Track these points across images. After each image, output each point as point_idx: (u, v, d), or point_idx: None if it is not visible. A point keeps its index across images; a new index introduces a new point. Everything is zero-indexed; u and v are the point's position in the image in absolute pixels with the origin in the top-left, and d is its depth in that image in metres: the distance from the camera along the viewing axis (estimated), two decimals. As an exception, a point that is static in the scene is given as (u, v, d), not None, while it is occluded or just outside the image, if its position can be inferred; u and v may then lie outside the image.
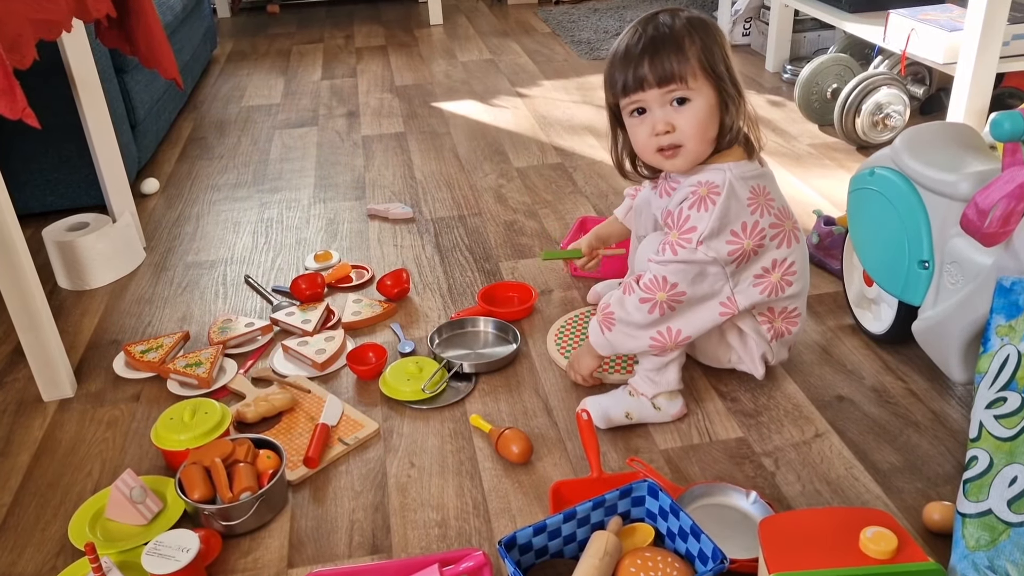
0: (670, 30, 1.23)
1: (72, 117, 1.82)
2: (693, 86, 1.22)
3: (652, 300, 1.24)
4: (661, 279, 1.24)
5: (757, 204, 1.25)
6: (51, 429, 1.41)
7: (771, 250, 1.27)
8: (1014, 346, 1.00)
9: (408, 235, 1.98)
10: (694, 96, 1.22)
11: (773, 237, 1.27)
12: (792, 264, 1.29)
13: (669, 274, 1.23)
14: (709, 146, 1.25)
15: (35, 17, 1.35)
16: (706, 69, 1.22)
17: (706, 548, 0.99)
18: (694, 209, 1.23)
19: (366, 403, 1.42)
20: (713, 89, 1.23)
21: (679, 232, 1.24)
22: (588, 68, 3.16)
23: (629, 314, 1.26)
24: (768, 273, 1.28)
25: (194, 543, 1.05)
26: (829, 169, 2.17)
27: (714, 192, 1.23)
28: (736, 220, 1.23)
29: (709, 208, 1.22)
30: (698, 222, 1.23)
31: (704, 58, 1.21)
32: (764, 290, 1.28)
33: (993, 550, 0.94)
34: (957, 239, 1.20)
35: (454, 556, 1.07)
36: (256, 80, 3.25)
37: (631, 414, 1.32)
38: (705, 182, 1.24)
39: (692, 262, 1.23)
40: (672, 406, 1.33)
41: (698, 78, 1.22)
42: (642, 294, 1.25)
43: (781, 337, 1.35)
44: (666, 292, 1.24)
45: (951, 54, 2.07)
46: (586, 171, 2.27)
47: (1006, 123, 1.03)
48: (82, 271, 1.81)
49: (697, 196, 1.24)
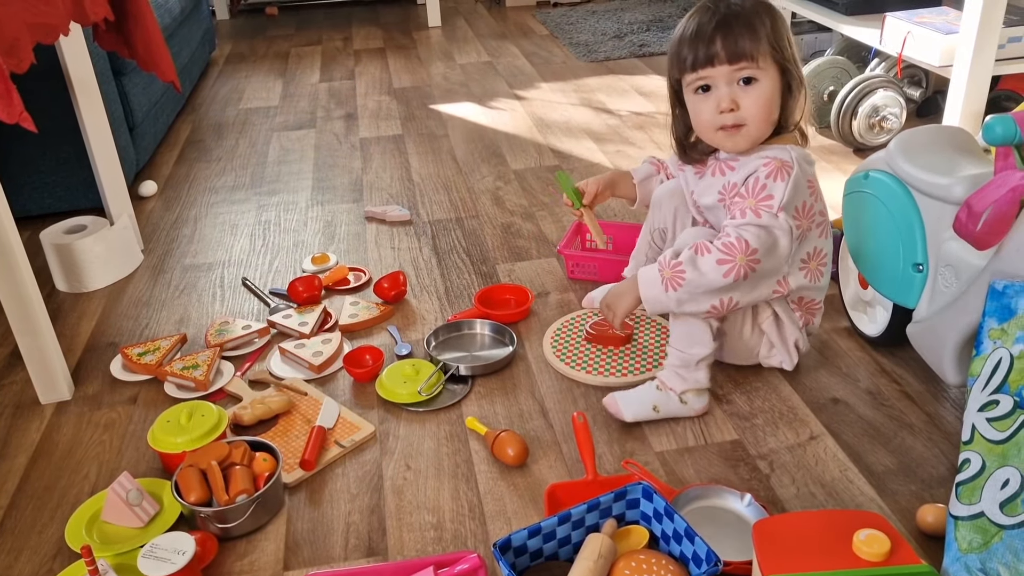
0: (742, 10, 1.25)
1: (70, 120, 1.83)
2: (763, 65, 1.24)
3: (731, 262, 1.21)
4: (743, 242, 1.21)
5: (813, 188, 1.30)
6: (48, 432, 1.41)
7: (813, 239, 1.32)
8: (1006, 349, 1.01)
9: (405, 237, 1.99)
10: (762, 76, 1.25)
11: (819, 224, 1.32)
12: (826, 256, 1.35)
13: (751, 238, 1.21)
14: (769, 128, 1.28)
15: (32, 21, 1.36)
16: (775, 52, 1.25)
17: (700, 550, 0.99)
18: (771, 179, 1.24)
19: (363, 405, 1.43)
20: (779, 72, 1.26)
21: (756, 199, 1.24)
22: (586, 70, 3.17)
23: (703, 275, 1.22)
24: (809, 260, 1.33)
25: (190, 546, 1.06)
26: (826, 171, 2.18)
27: (787, 166, 1.25)
28: (799, 198, 1.27)
29: (786, 178, 1.24)
30: (775, 191, 1.24)
31: (774, 40, 1.25)
32: (807, 275, 1.33)
33: (986, 552, 0.94)
34: (951, 242, 1.21)
35: (449, 559, 1.08)
36: (254, 82, 3.26)
37: (659, 407, 1.33)
38: (775, 157, 1.26)
39: (772, 227, 1.23)
40: (698, 401, 1.34)
41: (767, 59, 1.24)
42: (720, 255, 1.21)
43: (806, 326, 1.39)
44: (746, 256, 1.21)
45: (947, 57, 2.07)
46: (583, 173, 2.28)
47: (998, 127, 1.04)
48: (80, 274, 1.81)
49: (773, 167, 1.24)
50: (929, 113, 2.45)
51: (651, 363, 1.46)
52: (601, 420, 1.35)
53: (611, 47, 3.39)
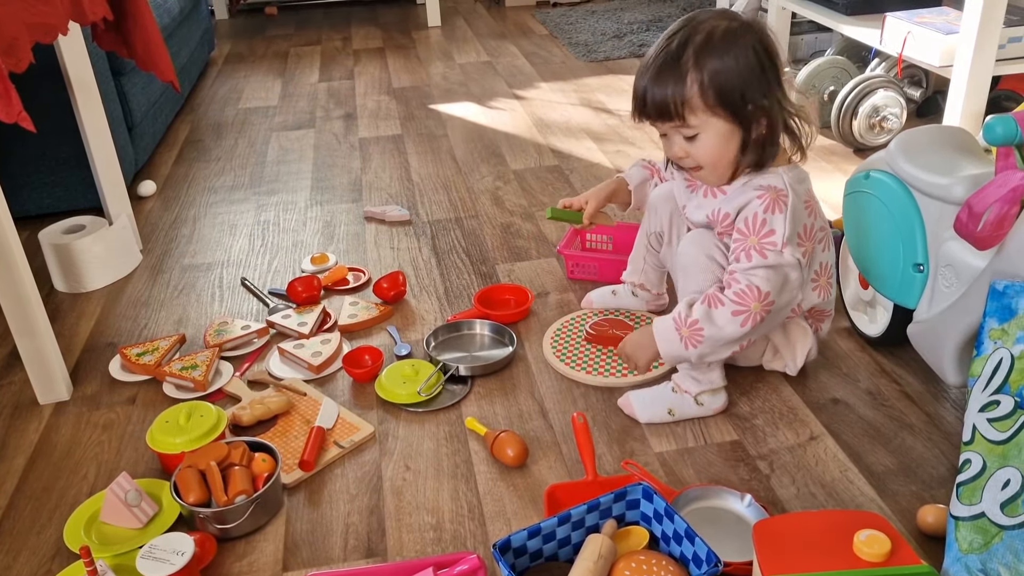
0: (681, 53, 1.17)
1: (69, 120, 1.83)
2: (694, 123, 1.19)
3: (746, 311, 1.20)
4: (754, 289, 1.19)
5: (811, 208, 1.26)
6: (47, 432, 1.41)
7: (818, 255, 1.30)
8: (1007, 349, 1.00)
9: (405, 237, 1.99)
10: (700, 130, 1.19)
11: (820, 240, 1.29)
12: (831, 267, 1.34)
13: (760, 283, 1.19)
14: (733, 165, 1.23)
15: (31, 20, 1.35)
16: (712, 100, 1.17)
17: (700, 551, 0.99)
18: (769, 212, 1.20)
19: (362, 406, 1.43)
20: (724, 118, 1.18)
21: (759, 238, 1.20)
22: (585, 70, 3.17)
23: (721, 329, 1.21)
24: (819, 276, 1.32)
25: (189, 546, 1.05)
26: (826, 172, 2.18)
27: (782, 197, 1.20)
28: (799, 223, 1.23)
29: (783, 209, 1.20)
30: (776, 225, 1.20)
31: (711, 88, 1.16)
32: (819, 293, 1.33)
33: (986, 553, 0.94)
34: (951, 242, 1.20)
35: (449, 559, 1.08)
36: (253, 82, 3.25)
37: (674, 411, 1.33)
38: (768, 186, 1.21)
39: (780, 266, 1.20)
40: (715, 401, 1.34)
41: (700, 113, 1.18)
42: (735, 307, 1.20)
43: (816, 332, 1.39)
44: (760, 302, 1.19)
45: (947, 57, 2.07)
46: (583, 173, 2.28)
47: (999, 127, 1.04)
48: (78, 274, 1.81)
49: (768, 199, 1.20)
50: (929, 113, 2.45)
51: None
52: (601, 420, 1.35)
53: (610, 47, 3.39)
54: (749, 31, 1.18)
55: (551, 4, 4.22)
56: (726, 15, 1.19)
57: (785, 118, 1.21)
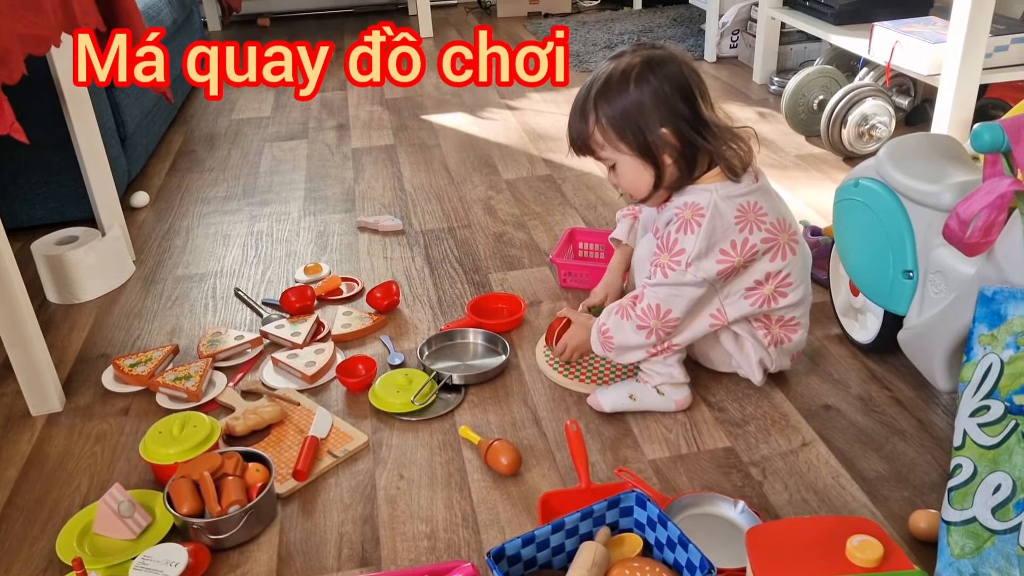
0: (587, 94, 1.27)
1: (61, 131, 1.83)
2: (604, 155, 1.29)
3: (648, 327, 1.29)
4: (655, 307, 1.28)
5: (746, 222, 1.26)
6: (39, 443, 1.40)
7: (763, 263, 1.29)
8: (996, 355, 1.01)
9: (398, 247, 1.99)
10: (615, 160, 1.28)
11: (766, 252, 1.29)
12: (787, 276, 1.31)
13: (662, 301, 1.27)
14: (655, 188, 1.29)
15: (24, 32, 1.36)
16: (612, 136, 1.26)
17: (694, 558, 0.99)
18: (681, 232, 1.26)
19: (356, 415, 1.43)
20: (628, 152, 1.26)
21: (669, 254, 1.27)
22: (577, 81, 3.16)
23: (628, 338, 1.31)
24: (761, 285, 1.30)
25: (182, 557, 1.05)
26: (816, 180, 2.19)
27: (699, 214, 1.25)
28: (724, 239, 1.25)
29: (695, 230, 1.25)
30: (686, 244, 1.25)
31: (609, 126, 1.25)
32: (756, 302, 1.31)
33: (978, 557, 0.95)
34: (940, 249, 1.21)
35: (443, 568, 1.07)
36: (246, 93, 3.26)
37: (635, 396, 1.36)
38: (691, 203, 1.27)
39: (682, 284, 1.26)
40: (677, 393, 1.36)
41: (608, 147, 1.27)
42: (638, 321, 1.29)
43: (780, 344, 1.36)
44: (660, 320, 1.28)
45: (935, 66, 2.09)
46: (575, 183, 2.28)
47: (986, 135, 1.05)
48: (71, 285, 1.81)
49: (682, 219, 1.26)
50: (918, 121, 2.46)
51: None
52: (594, 428, 1.35)
53: (601, 57, 3.40)
54: (660, 66, 1.24)
55: (542, 15, 4.24)
56: (641, 52, 1.26)
57: (702, 140, 1.24)
